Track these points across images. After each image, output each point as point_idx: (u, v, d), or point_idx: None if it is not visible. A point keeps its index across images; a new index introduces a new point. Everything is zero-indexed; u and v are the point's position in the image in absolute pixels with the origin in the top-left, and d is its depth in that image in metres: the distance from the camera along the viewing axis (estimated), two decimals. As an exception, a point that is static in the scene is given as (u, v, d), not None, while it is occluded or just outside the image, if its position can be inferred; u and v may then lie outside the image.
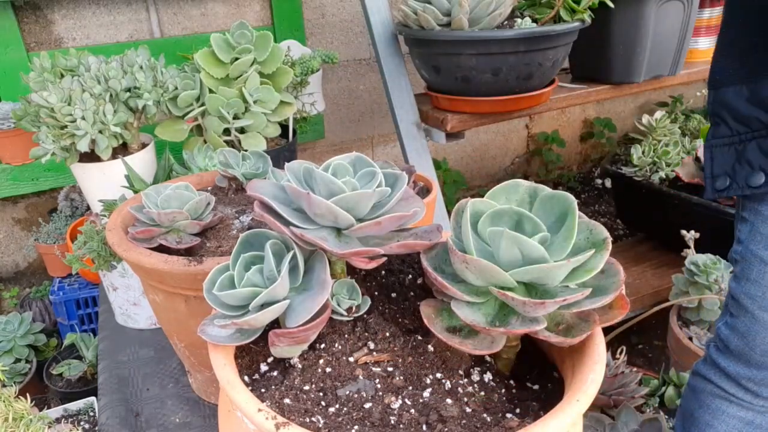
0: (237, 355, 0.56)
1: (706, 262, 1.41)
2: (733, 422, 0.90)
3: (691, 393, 0.97)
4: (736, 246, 0.87)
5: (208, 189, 0.97)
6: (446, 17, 1.30)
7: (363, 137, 2.24)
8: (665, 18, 1.53)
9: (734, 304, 0.87)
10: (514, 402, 0.53)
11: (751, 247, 0.83)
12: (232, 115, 1.20)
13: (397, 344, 0.56)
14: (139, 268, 0.76)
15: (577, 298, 0.48)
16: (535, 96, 1.40)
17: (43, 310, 1.81)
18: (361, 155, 0.58)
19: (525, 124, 2.57)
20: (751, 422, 0.89)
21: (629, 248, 1.94)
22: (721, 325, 0.90)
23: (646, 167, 1.78)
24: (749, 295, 0.84)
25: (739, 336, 0.86)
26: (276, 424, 0.44)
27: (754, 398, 0.88)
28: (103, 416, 0.97)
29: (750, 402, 0.88)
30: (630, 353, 1.56)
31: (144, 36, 1.76)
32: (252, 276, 0.53)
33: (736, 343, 0.87)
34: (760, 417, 0.89)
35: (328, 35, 2.01)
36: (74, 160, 1.16)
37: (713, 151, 0.83)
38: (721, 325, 0.91)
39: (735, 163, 0.80)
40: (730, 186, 0.81)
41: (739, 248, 0.85)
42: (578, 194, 2.65)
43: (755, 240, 0.82)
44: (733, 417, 0.90)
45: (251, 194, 0.55)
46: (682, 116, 2.16)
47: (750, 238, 0.83)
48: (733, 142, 0.80)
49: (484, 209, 0.52)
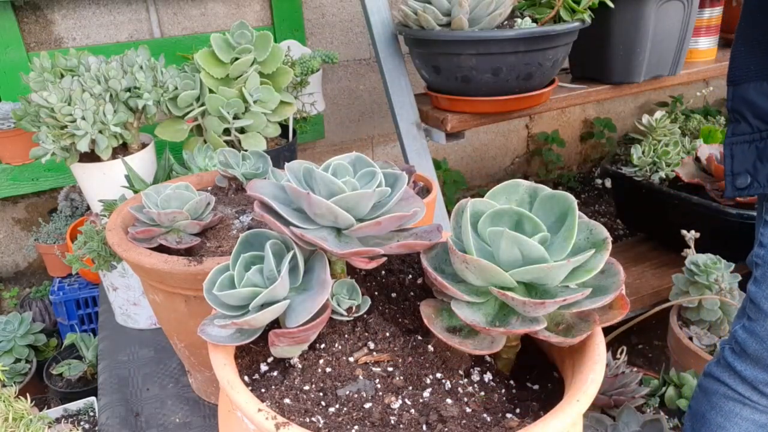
0: (237, 355, 0.56)
1: (706, 262, 1.41)
2: (746, 425, 0.89)
3: (702, 394, 0.96)
4: (758, 249, 0.85)
5: (208, 189, 0.97)
6: (446, 17, 1.30)
7: (363, 137, 2.24)
8: (665, 18, 1.53)
9: (753, 307, 0.86)
10: (514, 402, 0.53)
11: None
12: (232, 115, 1.20)
13: (397, 344, 0.56)
14: (139, 268, 0.76)
15: (577, 298, 0.48)
16: (535, 96, 1.40)
17: (43, 310, 1.81)
18: (361, 155, 0.58)
19: (525, 124, 2.57)
20: (764, 425, 0.88)
21: (629, 248, 1.94)
22: (738, 328, 0.89)
23: (646, 167, 1.78)
24: None
25: (758, 340, 0.85)
26: (276, 424, 0.44)
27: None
28: (103, 416, 0.97)
29: (766, 405, 0.87)
30: (630, 353, 1.56)
31: (144, 36, 1.76)
32: (252, 276, 0.53)
33: (754, 348, 0.85)
34: None
35: (328, 35, 2.01)
36: (74, 160, 1.16)
37: (733, 149, 0.82)
38: (738, 328, 0.89)
39: (756, 160, 0.79)
40: (751, 184, 0.80)
41: (762, 252, 0.84)
42: (578, 194, 2.65)
43: None
44: (746, 420, 0.89)
45: (251, 194, 0.55)
46: (682, 116, 2.16)
47: None
48: (753, 140, 0.79)
49: (484, 209, 0.52)
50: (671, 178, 1.74)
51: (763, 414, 0.88)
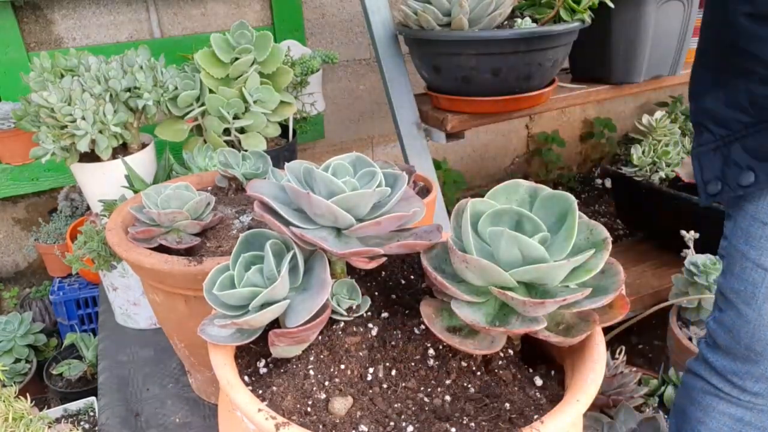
0: (237, 355, 0.56)
1: (705, 262, 1.41)
2: (723, 419, 0.91)
3: (683, 390, 0.99)
4: (722, 241, 0.89)
5: (208, 189, 0.97)
6: (446, 17, 1.30)
7: (363, 137, 2.24)
8: (665, 18, 1.53)
9: (721, 299, 0.89)
10: (513, 401, 0.52)
11: (734, 242, 0.85)
12: (232, 115, 1.20)
13: (397, 344, 0.56)
14: (139, 268, 0.76)
15: (577, 297, 0.48)
16: (535, 96, 1.40)
17: (43, 310, 1.81)
18: (361, 155, 0.58)
19: (525, 124, 2.57)
20: (740, 419, 0.90)
21: (629, 248, 1.94)
22: (710, 320, 0.92)
23: (646, 167, 1.78)
24: (733, 290, 0.86)
25: (726, 330, 0.88)
26: (276, 424, 0.44)
27: (741, 393, 0.89)
28: (103, 416, 0.97)
29: (737, 397, 0.90)
30: (630, 353, 1.56)
31: (144, 36, 1.76)
32: (252, 276, 0.53)
33: (723, 338, 0.88)
34: (749, 414, 0.90)
35: (328, 35, 2.01)
36: (74, 160, 1.16)
37: (701, 159, 0.85)
38: (710, 320, 0.93)
39: (723, 166, 0.82)
40: (723, 189, 0.82)
41: (725, 243, 0.88)
42: (578, 194, 2.65)
43: (736, 235, 0.84)
44: (723, 414, 0.91)
45: (251, 194, 0.55)
46: (682, 116, 2.16)
47: (732, 233, 0.85)
48: (718, 147, 0.82)
49: (484, 209, 0.52)
50: (671, 178, 1.74)
51: (738, 407, 0.90)
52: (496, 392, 0.52)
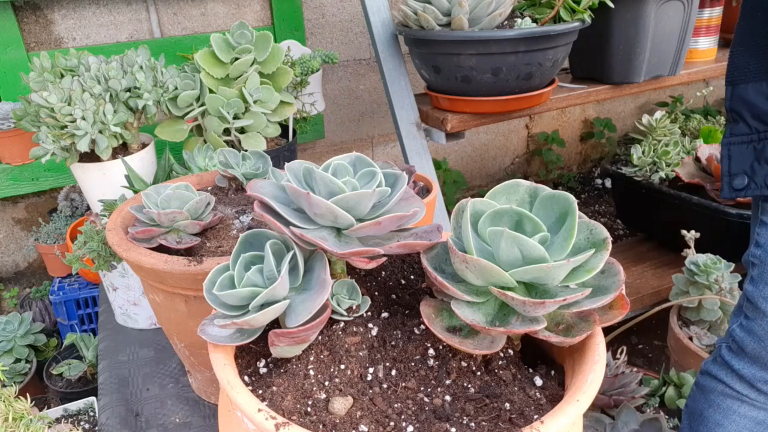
0: (237, 355, 0.56)
1: (706, 262, 1.41)
2: (744, 422, 0.89)
3: (699, 392, 0.96)
4: (754, 249, 0.85)
5: (208, 189, 0.97)
6: (446, 17, 1.31)
7: (363, 137, 2.24)
8: (665, 18, 1.53)
9: (750, 306, 0.86)
10: (513, 401, 0.52)
11: None
12: (232, 115, 1.20)
13: (397, 344, 0.56)
14: (139, 268, 0.76)
15: (577, 297, 0.48)
16: (535, 96, 1.40)
17: (43, 310, 1.81)
18: (361, 155, 0.58)
19: (525, 124, 2.57)
20: (762, 422, 0.88)
21: (629, 248, 1.94)
22: (736, 327, 0.89)
23: (646, 167, 1.78)
24: (767, 299, 0.83)
25: (756, 339, 0.85)
26: (276, 424, 0.44)
27: (766, 398, 0.87)
28: (103, 416, 0.97)
29: (763, 402, 0.88)
30: (630, 353, 1.56)
31: (144, 36, 1.76)
32: (252, 276, 0.53)
33: (752, 346, 0.86)
34: None
35: (328, 35, 2.01)
36: (74, 160, 1.16)
37: (731, 149, 0.81)
38: (735, 327, 0.89)
39: (754, 161, 0.78)
40: (749, 185, 0.79)
41: (758, 252, 0.84)
42: (578, 194, 2.65)
43: None
44: (744, 417, 0.89)
45: (251, 194, 0.55)
46: (682, 116, 2.16)
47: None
48: (751, 140, 0.79)
49: (484, 209, 0.52)
50: (671, 178, 1.74)
51: (761, 410, 0.88)
52: (496, 392, 0.52)
